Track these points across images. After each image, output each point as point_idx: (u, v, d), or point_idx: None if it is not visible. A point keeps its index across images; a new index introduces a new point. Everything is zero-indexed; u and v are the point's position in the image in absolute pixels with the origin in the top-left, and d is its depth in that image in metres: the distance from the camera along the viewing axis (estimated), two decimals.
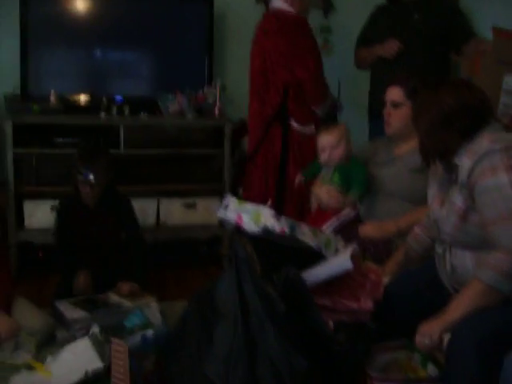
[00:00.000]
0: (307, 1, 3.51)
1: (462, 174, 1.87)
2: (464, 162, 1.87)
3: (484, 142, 1.85)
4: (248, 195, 3.57)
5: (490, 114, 1.96)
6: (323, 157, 2.75)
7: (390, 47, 3.51)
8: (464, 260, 1.96)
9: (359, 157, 2.80)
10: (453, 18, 3.53)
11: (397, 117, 2.64)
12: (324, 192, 2.74)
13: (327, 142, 2.73)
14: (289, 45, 3.33)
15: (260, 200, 3.17)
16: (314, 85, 3.37)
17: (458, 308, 1.82)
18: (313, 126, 3.39)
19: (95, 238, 3.13)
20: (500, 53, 3.08)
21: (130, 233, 3.23)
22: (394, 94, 2.65)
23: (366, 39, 3.74)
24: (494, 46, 3.27)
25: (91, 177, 3.01)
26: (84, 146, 3.30)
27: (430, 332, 1.84)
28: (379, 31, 3.64)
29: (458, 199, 1.91)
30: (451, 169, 1.98)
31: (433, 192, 2.11)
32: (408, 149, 2.64)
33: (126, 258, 3.14)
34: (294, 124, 3.38)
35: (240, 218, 2.05)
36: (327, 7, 4.47)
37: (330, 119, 3.48)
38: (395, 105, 2.64)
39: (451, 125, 1.90)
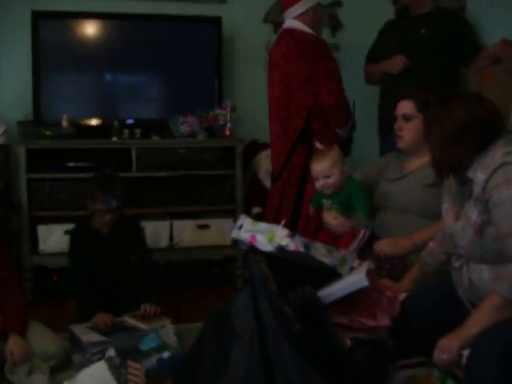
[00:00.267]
0: (319, 13, 3.49)
1: (477, 187, 1.87)
2: (478, 175, 1.87)
3: (497, 155, 1.85)
4: (270, 215, 3.55)
5: (502, 126, 1.95)
6: (318, 185, 2.74)
7: (395, 63, 3.52)
8: (481, 274, 1.94)
9: (369, 173, 2.81)
10: (461, 32, 3.52)
11: (408, 130, 2.64)
12: (330, 218, 2.73)
13: (320, 170, 2.70)
14: (311, 69, 3.28)
15: (276, 219, 3.23)
16: (339, 109, 3.33)
17: (477, 322, 1.80)
18: (336, 147, 3.37)
19: (108, 263, 3.13)
20: (509, 65, 3.08)
21: (141, 255, 3.23)
22: (405, 107, 2.65)
23: (375, 55, 3.76)
24: (503, 58, 3.27)
25: (114, 204, 3.03)
26: (100, 175, 3.28)
27: (448, 347, 1.82)
28: (387, 47, 3.66)
29: (473, 213, 1.90)
30: (464, 182, 1.97)
31: (447, 206, 2.10)
32: (420, 164, 2.64)
33: (137, 281, 3.14)
34: (318, 145, 3.30)
35: (254, 237, 2.05)
36: (334, 25, 4.51)
37: (348, 138, 3.49)
38: (406, 118, 2.64)
39: (463, 138, 1.90)
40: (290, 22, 3.41)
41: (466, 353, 1.80)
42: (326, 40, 3.47)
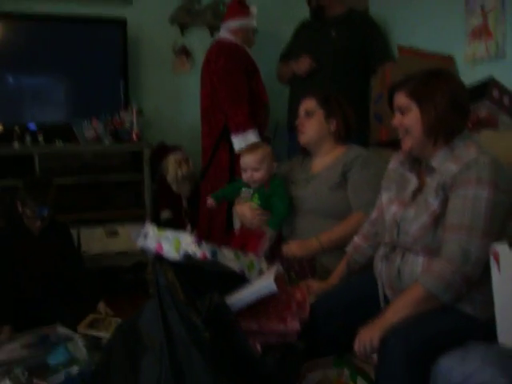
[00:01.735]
0: (251, 32, 3.66)
1: (447, 176, 1.86)
2: (450, 165, 1.87)
3: (471, 150, 1.87)
4: (202, 221, 3.68)
5: None
6: (245, 177, 2.74)
7: (302, 64, 3.57)
8: (414, 266, 1.92)
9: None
10: (371, 39, 3.60)
11: (309, 124, 2.69)
12: (247, 209, 2.72)
13: (249, 162, 2.71)
14: (230, 87, 3.46)
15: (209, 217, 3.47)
16: (237, 129, 3.45)
17: (397, 312, 1.82)
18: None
19: (40, 266, 3.01)
20: (404, 67, 3.21)
21: (72, 260, 3.15)
22: (307, 104, 2.71)
23: (289, 53, 3.80)
24: (399, 62, 3.40)
25: (45, 213, 2.95)
26: (32, 181, 3.14)
27: (369, 338, 1.81)
28: (299, 47, 3.71)
29: (434, 202, 1.89)
30: (413, 168, 2.02)
31: (389, 195, 2.09)
32: (323, 165, 2.68)
33: (70, 286, 3.05)
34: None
35: (160, 246, 2.01)
36: None
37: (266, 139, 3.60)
38: (308, 113, 2.69)
39: (463, 107, 1.93)
40: (222, 32, 3.63)
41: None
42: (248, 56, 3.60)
